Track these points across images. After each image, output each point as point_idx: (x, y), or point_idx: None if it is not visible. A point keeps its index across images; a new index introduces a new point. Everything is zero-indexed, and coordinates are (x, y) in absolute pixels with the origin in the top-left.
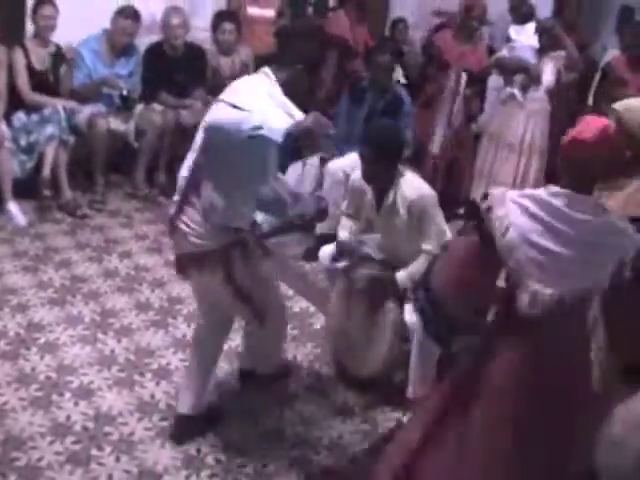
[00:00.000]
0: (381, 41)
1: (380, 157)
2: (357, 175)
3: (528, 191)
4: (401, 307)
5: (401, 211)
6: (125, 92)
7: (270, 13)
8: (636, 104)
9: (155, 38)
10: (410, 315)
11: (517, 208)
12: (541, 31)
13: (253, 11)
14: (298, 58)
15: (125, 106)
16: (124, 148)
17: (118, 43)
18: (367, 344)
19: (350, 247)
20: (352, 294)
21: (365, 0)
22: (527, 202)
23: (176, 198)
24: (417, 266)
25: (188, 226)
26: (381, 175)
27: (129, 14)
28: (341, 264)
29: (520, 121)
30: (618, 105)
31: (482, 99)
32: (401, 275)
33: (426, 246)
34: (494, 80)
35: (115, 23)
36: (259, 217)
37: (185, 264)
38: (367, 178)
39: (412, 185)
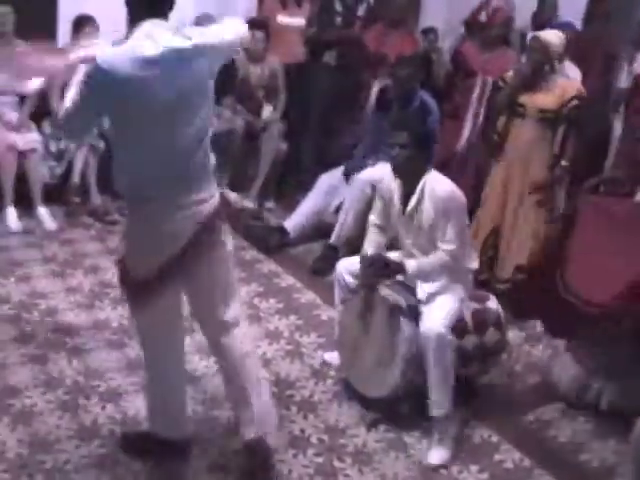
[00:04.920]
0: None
1: (413, 142)
2: (385, 180)
3: None
4: (415, 324)
5: (428, 208)
6: None
7: (300, 21)
8: (552, 33)
9: None
10: (424, 325)
11: None
12: None
13: (283, 19)
14: None
15: None
16: None
17: None
18: (376, 367)
19: (374, 261)
20: (370, 313)
21: (395, 10)
22: None
23: None
24: (429, 260)
25: None
26: (412, 165)
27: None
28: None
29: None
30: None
31: None
32: (410, 263)
33: (445, 246)
34: None
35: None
36: None
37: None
38: (398, 169)
39: (443, 183)
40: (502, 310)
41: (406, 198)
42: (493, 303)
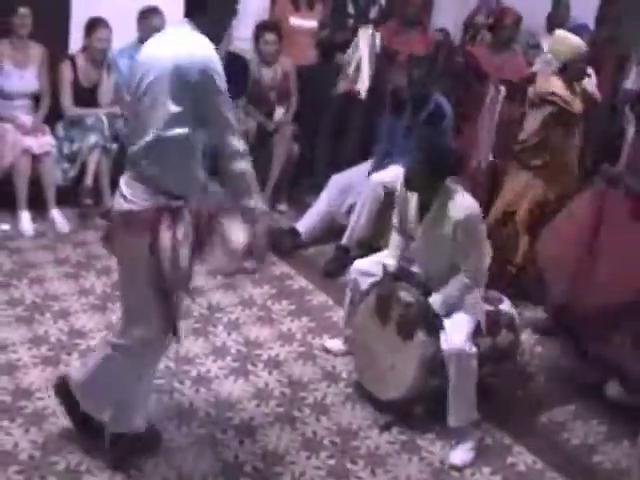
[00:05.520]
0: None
1: (428, 170)
2: (399, 188)
3: None
4: (436, 335)
5: (445, 228)
6: None
7: (312, 24)
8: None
9: None
10: (446, 343)
11: None
12: None
13: (295, 21)
14: None
15: None
16: None
17: None
18: (390, 369)
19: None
20: (384, 315)
21: (409, 12)
22: None
23: None
24: (452, 290)
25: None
26: (425, 187)
27: (153, 11)
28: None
29: None
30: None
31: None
32: (435, 300)
33: (466, 268)
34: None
35: (143, 23)
36: None
37: (113, 228)
38: (410, 186)
39: (460, 204)
40: (515, 312)
41: (422, 208)
42: (506, 305)
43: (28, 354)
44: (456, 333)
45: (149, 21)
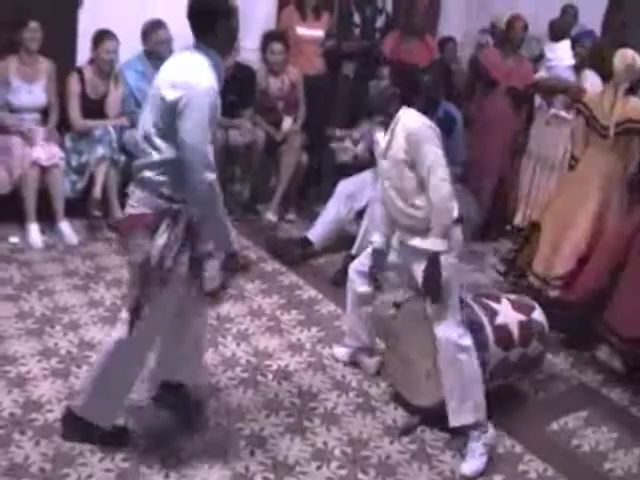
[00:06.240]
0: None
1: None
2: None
3: None
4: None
5: (400, 141)
6: None
7: (319, 33)
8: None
9: None
10: (438, 334)
11: None
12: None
13: (302, 31)
14: None
15: None
16: None
17: (163, 56)
18: (426, 377)
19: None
20: (417, 322)
21: (414, 21)
22: None
23: None
24: (436, 228)
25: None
26: (386, 109)
27: (159, 25)
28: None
29: (564, 140)
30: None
31: (529, 118)
32: (434, 243)
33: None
34: (539, 99)
35: (150, 37)
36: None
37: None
38: (371, 108)
39: (412, 117)
40: (546, 322)
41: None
42: (538, 314)
43: (38, 367)
44: (438, 323)
45: (154, 34)
